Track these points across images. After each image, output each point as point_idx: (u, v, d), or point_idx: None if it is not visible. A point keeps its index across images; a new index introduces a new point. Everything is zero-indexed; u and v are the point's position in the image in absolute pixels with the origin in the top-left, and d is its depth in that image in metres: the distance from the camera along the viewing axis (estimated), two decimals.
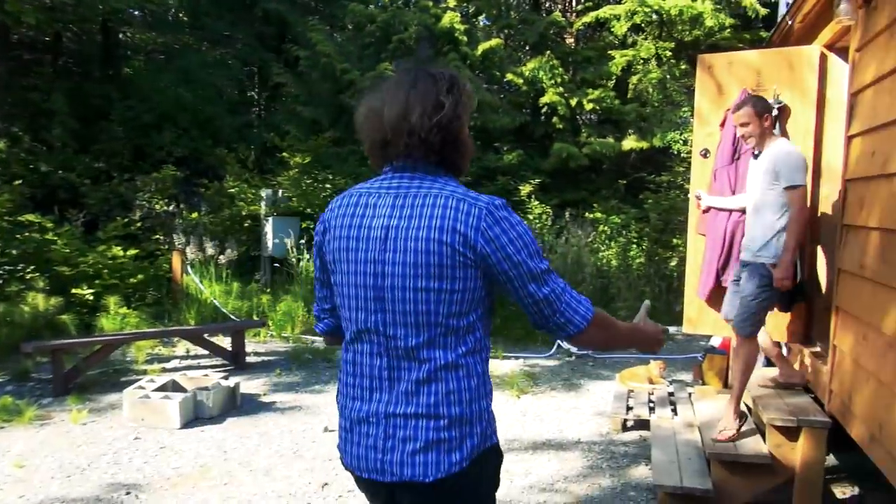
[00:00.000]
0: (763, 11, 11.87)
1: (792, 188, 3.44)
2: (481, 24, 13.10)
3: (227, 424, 4.95)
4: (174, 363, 6.68)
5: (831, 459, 4.13)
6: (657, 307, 8.77)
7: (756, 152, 3.71)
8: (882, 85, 2.91)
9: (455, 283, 1.46)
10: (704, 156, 4.47)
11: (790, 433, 3.38)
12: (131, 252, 8.27)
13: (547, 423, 5.09)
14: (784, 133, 4.08)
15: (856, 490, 3.96)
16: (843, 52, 4.15)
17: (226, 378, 5.49)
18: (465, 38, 10.97)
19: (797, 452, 3.38)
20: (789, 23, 4.42)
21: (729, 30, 12.17)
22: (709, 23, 11.44)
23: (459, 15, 10.91)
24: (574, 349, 7.28)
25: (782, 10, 5.93)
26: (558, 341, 7.69)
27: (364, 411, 1.55)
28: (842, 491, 3.98)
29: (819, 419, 3.24)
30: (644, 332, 1.73)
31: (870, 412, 2.83)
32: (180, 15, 15.28)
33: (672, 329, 8.11)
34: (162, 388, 5.27)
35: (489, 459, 1.55)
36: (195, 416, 5.04)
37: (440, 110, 1.48)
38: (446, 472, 1.47)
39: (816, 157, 4.09)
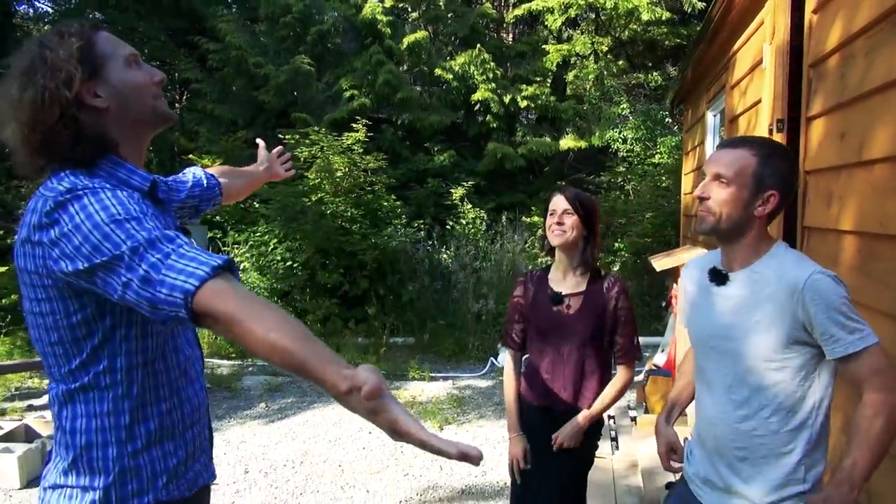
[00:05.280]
0: (700, 6, 11.52)
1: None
2: (413, 15, 12.35)
3: None
4: (45, 399, 5.70)
5: None
6: None
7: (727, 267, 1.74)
8: (853, 47, 2.29)
9: (41, 306, 1.24)
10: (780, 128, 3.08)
11: None
12: (2, 269, 7.20)
13: None
14: None
15: None
16: None
17: None
18: (388, 31, 10.21)
19: None
20: None
21: (665, 25, 11.80)
22: (645, 17, 11.00)
23: (382, 6, 10.12)
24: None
25: None
26: (491, 358, 7.00)
27: None
28: None
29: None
30: None
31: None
32: (90, 11, 14.07)
33: None
34: (8, 437, 4.35)
35: None
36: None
37: (15, 109, 1.23)
38: None
39: None
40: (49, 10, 14.24)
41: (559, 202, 2.43)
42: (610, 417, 4.76)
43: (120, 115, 1.28)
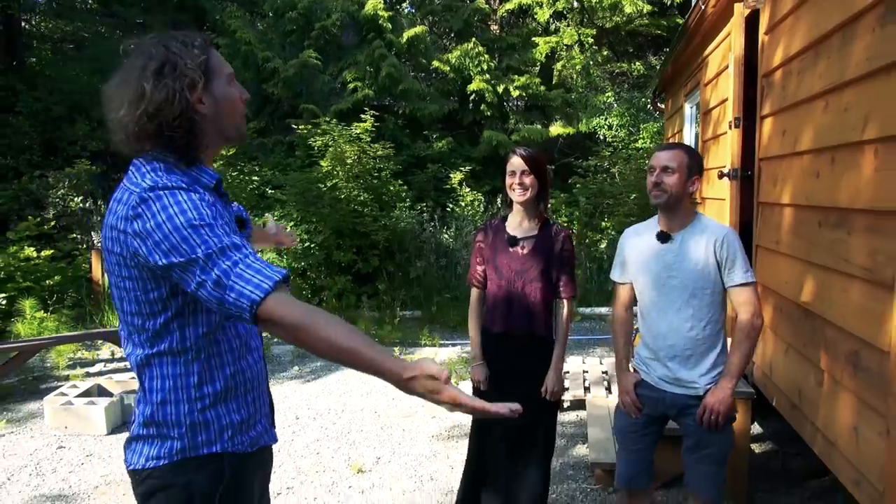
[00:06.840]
0: None
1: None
2: (406, 10, 13.00)
3: None
4: (98, 367, 6.40)
5: (755, 427, 4.34)
6: (589, 288, 8.99)
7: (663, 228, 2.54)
8: (790, 66, 3.05)
9: (124, 283, 1.41)
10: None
11: None
12: (45, 253, 7.83)
13: None
14: None
15: (778, 454, 4.18)
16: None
17: None
18: (389, 26, 10.86)
19: None
20: (702, 7, 4.56)
21: (647, 17, 12.55)
22: (628, 9, 11.74)
23: (383, 2, 10.78)
24: None
25: None
26: None
27: None
28: (766, 455, 4.19)
29: (744, 390, 3.39)
30: None
31: (789, 381, 2.98)
32: (89, 2, 14.53)
33: (604, 310, 8.34)
34: (86, 394, 5.03)
35: (200, 469, 1.49)
36: (123, 421, 4.84)
37: (142, 100, 1.38)
38: (142, 465, 1.49)
39: None
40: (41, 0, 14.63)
41: (517, 163, 2.76)
42: (604, 373, 5.54)
43: (212, 122, 1.46)
